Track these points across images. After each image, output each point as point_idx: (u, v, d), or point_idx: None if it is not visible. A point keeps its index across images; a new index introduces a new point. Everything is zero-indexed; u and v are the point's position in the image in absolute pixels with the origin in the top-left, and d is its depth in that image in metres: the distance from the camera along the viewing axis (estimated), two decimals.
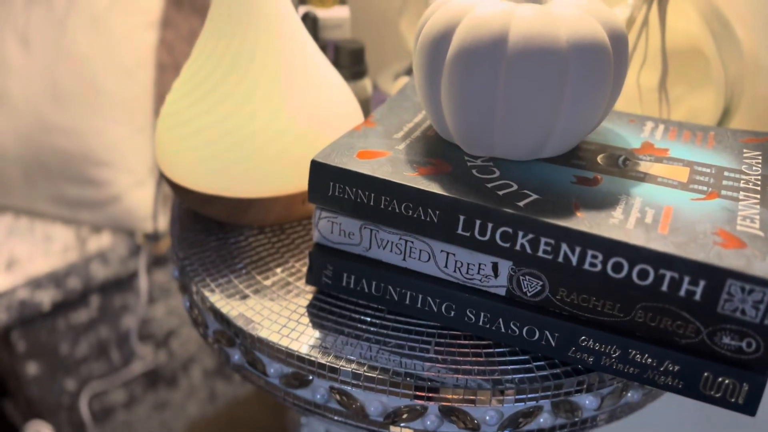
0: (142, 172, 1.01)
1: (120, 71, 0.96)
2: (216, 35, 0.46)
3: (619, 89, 0.41)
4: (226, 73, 0.46)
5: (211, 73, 0.46)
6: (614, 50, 0.39)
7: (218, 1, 0.46)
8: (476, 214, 0.38)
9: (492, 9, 0.39)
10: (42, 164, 0.99)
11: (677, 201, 0.38)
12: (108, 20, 0.95)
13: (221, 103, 0.46)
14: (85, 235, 1.03)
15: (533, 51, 0.37)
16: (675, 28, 0.53)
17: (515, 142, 0.40)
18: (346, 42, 0.59)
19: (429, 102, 0.42)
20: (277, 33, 0.47)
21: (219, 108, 0.46)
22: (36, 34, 0.95)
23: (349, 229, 0.43)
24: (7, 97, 0.96)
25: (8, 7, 0.96)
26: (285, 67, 0.47)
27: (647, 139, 0.45)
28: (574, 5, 0.40)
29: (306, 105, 0.47)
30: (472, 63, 0.38)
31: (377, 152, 0.42)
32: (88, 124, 0.96)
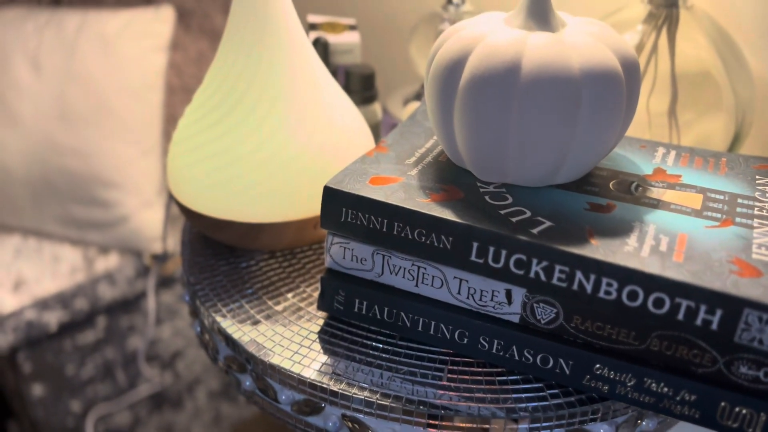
0: (149, 193, 1.01)
1: (129, 94, 0.97)
2: (229, 62, 0.47)
3: (631, 116, 0.41)
4: (239, 99, 0.46)
5: (224, 99, 0.47)
6: (627, 78, 0.40)
7: (231, 28, 0.47)
8: (490, 241, 0.38)
9: (505, 37, 0.39)
10: (50, 185, 1.00)
11: (691, 228, 0.38)
12: (118, 44, 0.96)
13: (234, 129, 0.46)
14: (92, 255, 1.03)
15: (546, 79, 0.37)
16: (684, 53, 0.53)
17: (528, 169, 0.41)
18: (356, 67, 0.59)
19: (441, 129, 0.42)
20: (290, 60, 0.47)
21: (231, 134, 0.46)
22: (47, 56, 0.96)
23: (362, 255, 0.43)
24: (18, 118, 0.97)
25: (20, 30, 0.97)
26: (297, 93, 0.47)
27: (659, 165, 0.45)
28: (586, 33, 0.40)
29: (318, 131, 0.48)
30: (485, 91, 0.38)
31: (390, 178, 0.43)
32: (97, 146, 0.97)
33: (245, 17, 0.46)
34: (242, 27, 0.46)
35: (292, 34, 0.47)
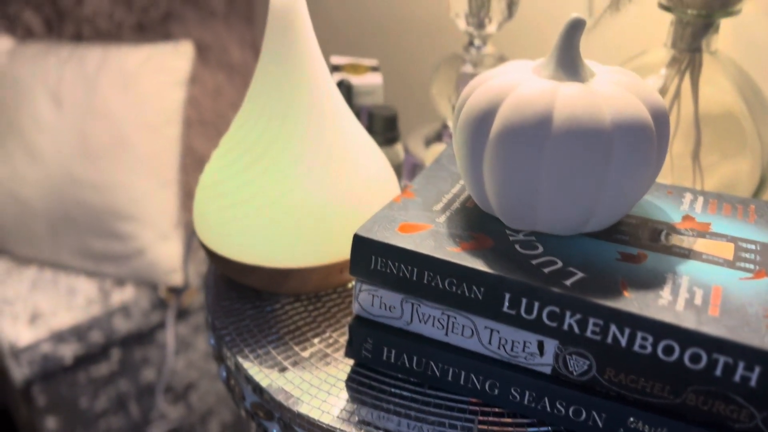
0: (166, 226, 1.02)
1: (148, 128, 0.98)
2: (257, 108, 0.47)
3: (660, 165, 0.41)
4: (267, 145, 0.46)
5: (253, 145, 0.47)
6: (656, 128, 0.40)
7: (260, 74, 0.47)
8: (522, 293, 0.37)
9: (536, 88, 0.40)
10: (68, 218, 1.00)
11: (725, 280, 0.38)
12: (138, 79, 0.97)
13: (262, 175, 0.46)
14: (108, 288, 1.03)
15: (578, 132, 0.38)
16: (708, 96, 0.54)
17: (559, 218, 0.41)
18: (379, 108, 0.60)
19: (470, 177, 0.42)
20: (317, 106, 0.47)
21: (260, 180, 0.46)
22: (68, 91, 0.97)
23: (390, 303, 0.42)
24: (38, 152, 0.98)
25: (42, 65, 0.98)
26: (324, 139, 0.47)
27: (687, 212, 0.45)
28: (615, 83, 0.40)
29: (344, 176, 0.48)
30: (517, 142, 0.39)
31: (419, 225, 0.43)
32: (115, 179, 0.98)
33: (274, 63, 0.47)
34: (271, 73, 0.47)
35: (319, 79, 0.48)
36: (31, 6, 1.05)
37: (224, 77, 1.14)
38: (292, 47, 0.46)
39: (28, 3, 1.04)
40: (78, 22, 1.06)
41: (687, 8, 0.51)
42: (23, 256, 1.06)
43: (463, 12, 0.61)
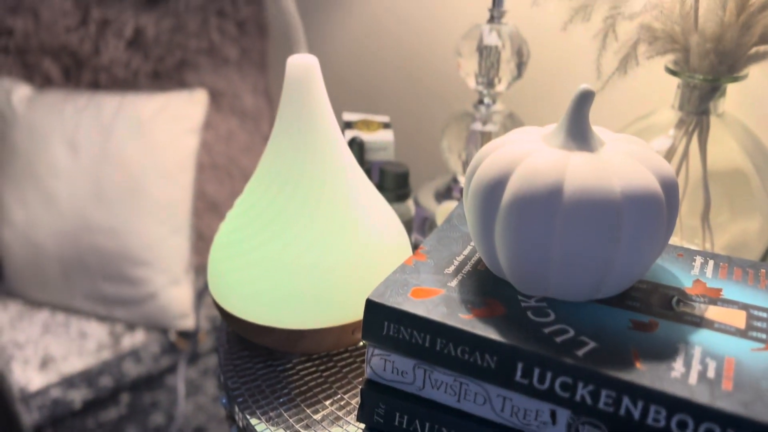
0: (177, 271, 1.03)
1: (162, 175, 0.99)
2: (272, 171, 0.48)
3: (670, 233, 0.42)
4: (282, 208, 0.47)
5: (267, 207, 0.48)
6: (666, 198, 0.40)
7: (275, 138, 0.48)
8: (535, 363, 0.38)
9: (546, 158, 0.40)
10: (81, 262, 1.01)
11: (737, 351, 0.38)
12: (153, 126, 0.99)
13: (276, 237, 0.47)
14: (119, 332, 1.04)
15: (589, 202, 0.38)
16: (716, 157, 0.54)
17: (570, 286, 0.41)
18: (391, 165, 0.60)
19: (482, 243, 0.43)
20: (330, 170, 0.48)
21: (274, 242, 0.47)
22: (84, 138, 0.99)
23: (403, 368, 0.43)
24: (54, 198, 0.99)
25: (59, 114, 1.00)
26: (338, 201, 0.48)
27: (698, 276, 0.45)
28: (625, 153, 0.41)
29: (357, 237, 0.49)
30: (528, 212, 0.39)
31: (431, 290, 0.43)
32: (128, 225, 0.99)
33: (288, 127, 0.48)
34: (285, 137, 0.48)
35: (332, 142, 0.49)
36: (50, 55, 1.07)
37: (237, 122, 1.16)
38: (307, 113, 0.47)
39: (46, 52, 1.07)
40: (95, 70, 1.09)
41: (694, 73, 0.51)
42: (36, 300, 1.06)
43: (473, 72, 0.62)
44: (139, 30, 1.08)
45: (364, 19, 1.01)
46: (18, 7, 1.04)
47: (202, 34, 1.09)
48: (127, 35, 1.08)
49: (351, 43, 1.04)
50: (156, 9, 1.09)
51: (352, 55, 1.04)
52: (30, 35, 1.05)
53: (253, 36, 1.13)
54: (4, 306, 1.07)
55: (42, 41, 1.05)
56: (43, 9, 1.04)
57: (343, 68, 1.06)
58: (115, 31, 1.08)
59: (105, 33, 1.07)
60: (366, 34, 1.01)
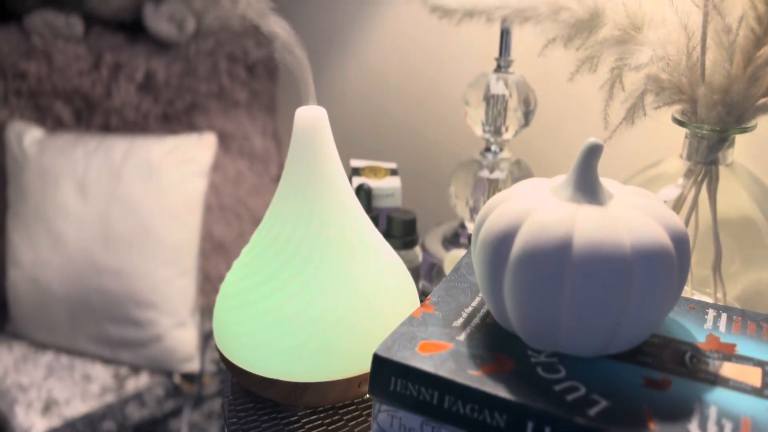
0: (183, 313, 1.02)
1: (170, 217, 1.00)
2: (279, 223, 0.48)
3: (682, 287, 0.41)
4: (288, 259, 0.47)
5: (273, 258, 0.48)
6: (677, 252, 0.40)
7: (282, 190, 0.48)
8: (546, 422, 0.37)
9: (554, 212, 0.40)
10: (87, 304, 1.01)
11: (753, 411, 0.37)
12: (162, 169, 1.00)
13: (282, 289, 0.47)
14: (123, 374, 1.03)
15: (599, 258, 0.38)
16: (726, 207, 0.54)
17: (581, 341, 0.40)
18: (398, 212, 0.60)
19: (491, 296, 0.42)
20: (338, 221, 0.48)
21: (280, 293, 0.47)
22: (93, 181, 1.00)
23: (410, 425, 0.42)
24: (62, 240, 1.00)
25: (70, 156, 1.01)
26: (344, 253, 0.48)
27: (711, 331, 0.45)
28: (634, 207, 0.41)
29: (364, 289, 0.48)
30: (537, 267, 0.39)
31: (439, 344, 0.42)
32: (135, 267, 0.99)
33: (296, 179, 0.48)
34: (293, 188, 0.48)
35: (340, 193, 0.49)
36: (62, 98, 1.09)
37: (245, 164, 1.17)
38: (314, 165, 0.47)
39: (59, 95, 1.08)
40: (106, 112, 1.10)
41: (702, 124, 0.52)
42: (41, 342, 1.06)
43: (480, 120, 0.63)
44: (150, 74, 1.10)
45: (372, 64, 1.02)
46: (32, 51, 1.06)
47: (212, 77, 1.11)
48: (138, 79, 1.09)
49: (359, 88, 1.06)
50: (167, 53, 1.11)
51: (360, 101, 1.06)
52: (43, 79, 1.07)
53: (262, 80, 1.15)
54: (9, 348, 1.06)
55: (55, 85, 1.07)
56: (56, 54, 1.06)
57: (351, 114, 1.07)
58: (126, 75, 1.09)
59: (117, 76, 1.09)
60: (374, 79, 1.02)
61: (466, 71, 0.77)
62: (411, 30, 0.94)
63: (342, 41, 1.05)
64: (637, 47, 0.51)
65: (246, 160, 1.17)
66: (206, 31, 1.10)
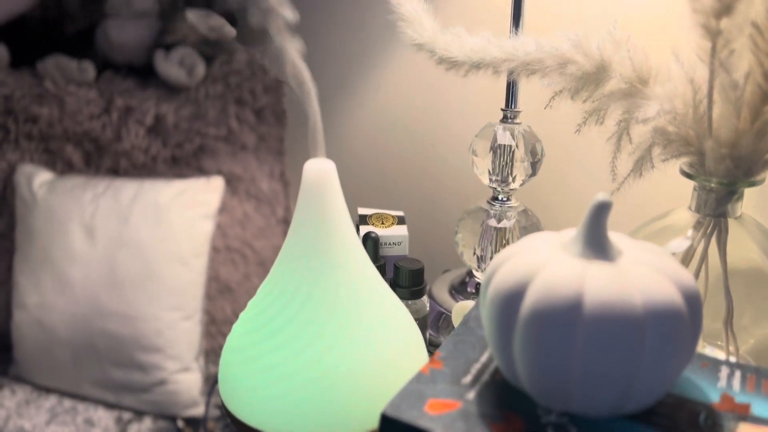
0: (188, 358, 1.01)
1: (176, 260, 0.99)
2: (286, 275, 0.48)
3: (695, 346, 0.41)
4: (294, 313, 0.47)
5: (279, 312, 0.47)
6: (689, 311, 0.39)
7: (290, 242, 0.48)
8: None
9: (564, 270, 0.40)
10: (92, 347, 1.00)
11: None
12: (169, 212, 1.00)
13: (288, 343, 0.47)
14: (126, 419, 1.01)
15: (610, 318, 0.37)
16: (736, 259, 0.53)
17: (592, 401, 0.40)
18: (405, 262, 0.60)
19: (500, 354, 0.42)
20: (345, 274, 0.48)
21: (285, 347, 0.47)
22: (101, 224, 1.00)
23: None
24: (69, 283, 1.00)
25: (78, 199, 1.02)
26: (351, 307, 0.48)
27: (725, 390, 0.44)
28: (644, 263, 0.41)
29: (372, 345, 0.48)
30: (547, 327, 0.38)
31: (448, 403, 0.42)
32: (141, 311, 0.98)
33: (303, 231, 0.48)
34: (300, 240, 0.48)
35: (347, 248, 0.49)
36: (72, 141, 1.10)
37: (252, 207, 1.17)
38: (322, 218, 0.47)
39: (69, 139, 1.10)
40: (116, 155, 1.11)
41: (710, 177, 0.51)
42: (44, 386, 1.05)
43: (487, 170, 0.63)
44: (160, 117, 1.11)
45: (380, 110, 1.03)
46: (44, 95, 1.07)
47: (221, 121, 1.12)
48: (148, 122, 1.10)
49: (367, 132, 1.07)
50: (177, 97, 1.12)
51: (368, 145, 1.06)
52: (54, 123, 1.08)
53: (270, 123, 1.16)
54: (12, 391, 1.05)
55: (66, 128, 1.08)
56: (68, 98, 1.08)
57: (358, 159, 1.08)
58: (136, 119, 1.11)
59: (127, 120, 1.10)
60: (382, 125, 1.03)
61: (474, 118, 0.77)
62: (419, 77, 0.96)
63: (351, 86, 1.06)
64: (644, 100, 0.51)
65: (253, 203, 1.17)
66: (216, 75, 1.12)
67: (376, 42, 1.00)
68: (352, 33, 1.04)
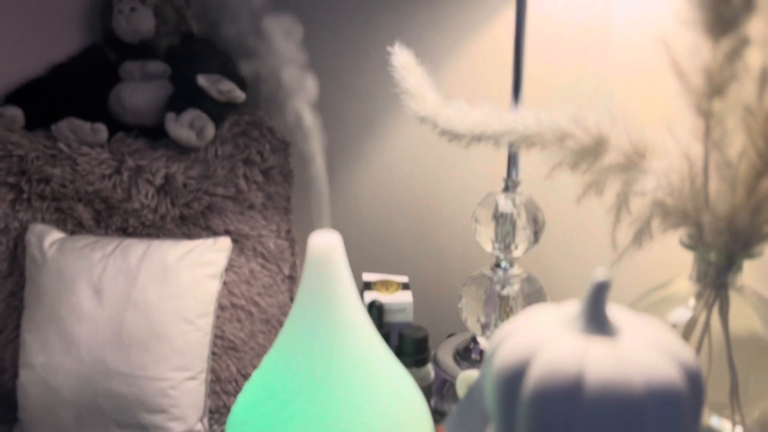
0: (193, 418, 1.01)
1: (182, 320, 1.00)
2: (291, 349, 0.49)
3: (698, 424, 0.41)
4: (299, 388, 0.47)
5: (284, 386, 0.48)
6: (691, 390, 0.40)
7: (294, 317, 0.49)
8: None
9: (565, 349, 0.40)
10: (96, 408, 1.00)
11: None
12: (177, 272, 1.01)
13: (292, 418, 0.47)
14: None
15: (610, 400, 0.38)
16: (738, 329, 0.54)
17: None
18: (410, 330, 0.61)
19: (504, 429, 0.42)
20: (351, 347, 0.49)
21: (291, 422, 0.47)
22: (109, 284, 1.01)
23: None
24: (75, 343, 1.00)
25: (87, 259, 1.03)
26: (357, 381, 0.48)
27: None
28: (645, 340, 0.41)
29: (379, 414, 0.48)
30: (548, 407, 0.39)
31: None
32: (145, 371, 0.98)
33: (309, 306, 0.49)
34: (305, 315, 0.49)
35: (352, 319, 0.49)
36: (83, 201, 1.12)
37: (258, 264, 1.18)
38: (327, 292, 0.48)
39: (80, 198, 1.12)
40: (125, 214, 1.13)
41: (709, 249, 0.52)
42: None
43: (489, 237, 0.64)
44: (169, 177, 1.13)
45: (384, 176, 1.05)
46: (57, 156, 1.10)
47: (229, 181, 1.14)
48: (158, 182, 1.12)
49: (371, 199, 1.08)
50: (186, 157, 1.15)
51: (373, 211, 1.08)
52: (66, 183, 1.10)
53: (278, 183, 1.18)
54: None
55: (77, 188, 1.11)
56: (81, 159, 1.10)
57: (363, 223, 1.09)
58: (146, 178, 1.13)
59: (137, 180, 1.13)
60: (386, 191, 1.05)
61: (478, 184, 0.79)
62: (423, 142, 0.98)
63: (356, 150, 1.08)
64: (641, 174, 0.52)
65: (259, 260, 1.18)
66: (225, 136, 1.14)
67: (382, 109, 1.03)
68: (359, 100, 1.07)
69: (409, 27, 0.96)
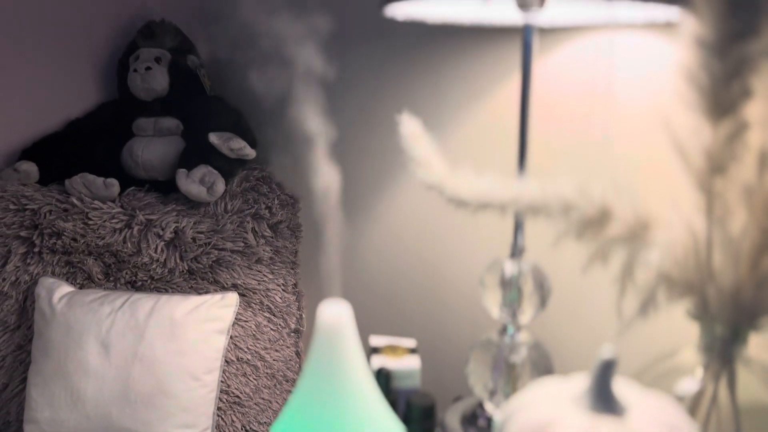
0: None
1: (189, 375, 1.00)
2: (298, 421, 0.49)
3: None
4: None
5: None
6: None
7: (303, 386, 0.49)
8: None
9: (572, 430, 0.40)
10: None
11: None
12: (185, 327, 1.02)
13: None
14: None
15: None
16: (747, 403, 0.53)
17: None
18: (417, 397, 0.61)
19: None
20: (359, 415, 0.49)
21: None
22: (116, 339, 1.02)
23: None
24: (82, 398, 1.00)
25: (96, 314, 1.04)
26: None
27: None
28: (652, 420, 0.41)
29: None
30: None
31: None
32: (151, 427, 0.98)
33: (317, 378, 0.49)
34: (313, 387, 0.49)
35: (360, 390, 0.49)
36: (94, 255, 1.13)
37: (265, 318, 1.18)
38: (336, 362, 0.49)
39: (91, 252, 1.13)
40: (134, 268, 1.14)
41: (714, 321, 0.53)
42: None
43: (496, 303, 0.64)
44: (179, 231, 1.15)
45: (392, 239, 1.07)
46: (70, 210, 1.12)
47: (238, 235, 1.15)
48: (167, 236, 1.14)
49: (379, 262, 1.09)
50: (196, 212, 1.16)
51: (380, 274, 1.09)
52: (78, 237, 1.12)
53: (285, 237, 1.19)
54: None
55: (88, 242, 1.12)
56: (92, 213, 1.12)
57: (370, 286, 1.10)
58: (156, 232, 1.14)
59: (147, 234, 1.14)
60: (394, 254, 1.06)
61: (485, 247, 0.80)
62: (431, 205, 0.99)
63: (364, 212, 1.10)
64: (646, 246, 0.53)
65: (266, 314, 1.18)
66: (234, 191, 1.16)
67: (390, 173, 1.05)
68: (368, 164, 1.10)
69: (417, 93, 0.98)
